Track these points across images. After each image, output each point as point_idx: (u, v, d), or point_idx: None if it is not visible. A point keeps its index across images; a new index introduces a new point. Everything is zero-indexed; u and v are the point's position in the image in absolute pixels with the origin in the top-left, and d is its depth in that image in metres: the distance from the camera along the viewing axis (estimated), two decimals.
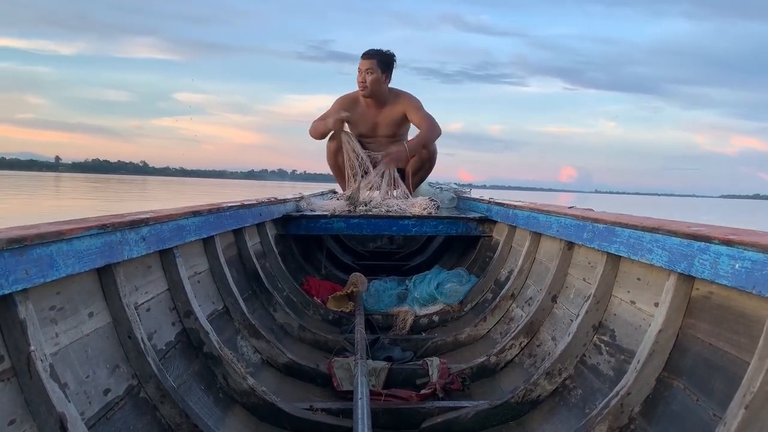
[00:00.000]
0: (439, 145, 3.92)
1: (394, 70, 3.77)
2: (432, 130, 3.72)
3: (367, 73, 3.65)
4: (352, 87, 3.83)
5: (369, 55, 3.67)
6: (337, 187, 4.37)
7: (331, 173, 4.04)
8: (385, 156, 3.62)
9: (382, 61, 3.66)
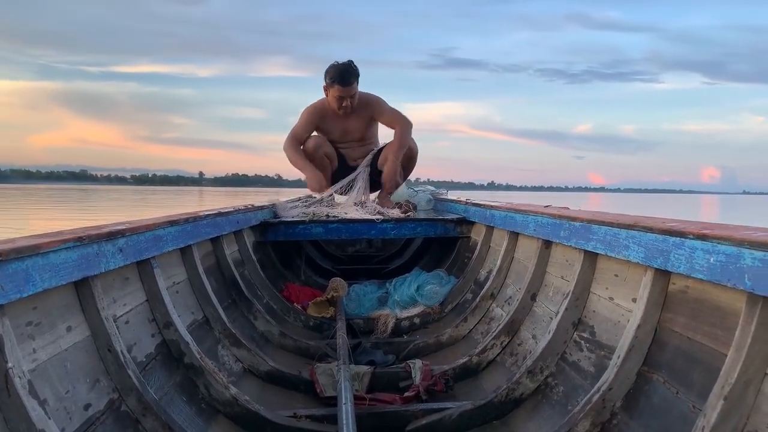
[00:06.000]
0: (568, 147, 3.85)
1: None
2: (405, 125, 3.71)
3: (351, 98, 3.58)
4: (473, 92, 3.63)
5: (349, 81, 3.52)
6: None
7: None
8: (385, 195, 3.59)
9: (357, 79, 3.60)
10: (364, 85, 3.69)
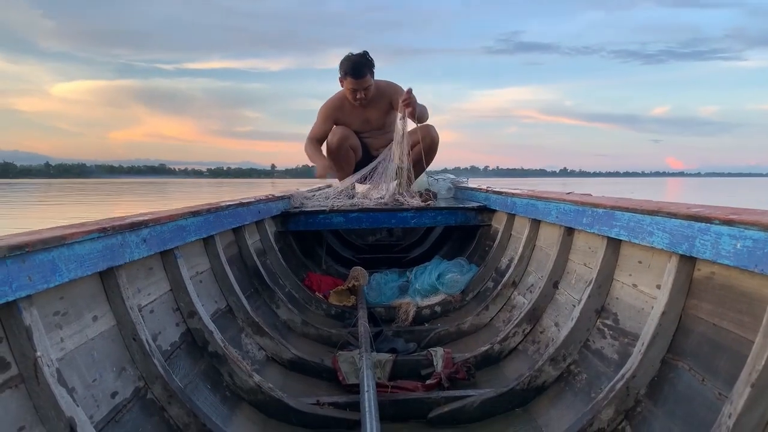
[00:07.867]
0: (644, 130, 3.73)
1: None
2: (423, 113, 3.67)
3: (366, 90, 3.57)
4: (543, 76, 3.46)
5: (362, 73, 3.50)
6: (334, 181, 4.36)
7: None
8: (405, 104, 3.31)
9: (371, 70, 3.59)
10: (431, 75, 3.74)
